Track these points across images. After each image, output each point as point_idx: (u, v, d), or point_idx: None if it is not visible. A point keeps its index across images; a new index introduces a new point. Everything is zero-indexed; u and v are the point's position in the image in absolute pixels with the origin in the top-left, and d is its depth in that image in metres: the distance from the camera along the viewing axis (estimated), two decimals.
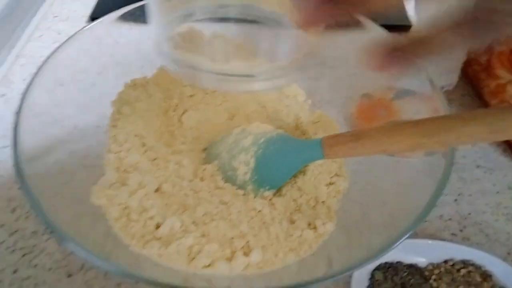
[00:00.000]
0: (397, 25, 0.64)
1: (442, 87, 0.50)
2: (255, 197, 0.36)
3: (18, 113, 0.33)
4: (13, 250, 0.38)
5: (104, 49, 0.44)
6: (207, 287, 0.26)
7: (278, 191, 0.37)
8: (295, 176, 0.37)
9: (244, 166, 0.35)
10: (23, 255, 0.38)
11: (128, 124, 0.37)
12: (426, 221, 0.41)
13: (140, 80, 0.41)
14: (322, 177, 0.36)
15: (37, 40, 0.60)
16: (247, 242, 0.31)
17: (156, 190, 0.34)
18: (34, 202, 0.27)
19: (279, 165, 0.35)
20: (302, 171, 0.37)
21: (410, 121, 0.28)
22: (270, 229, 0.33)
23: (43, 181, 0.31)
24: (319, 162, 0.37)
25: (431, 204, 0.28)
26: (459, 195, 0.43)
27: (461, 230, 0.41)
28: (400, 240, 0.26)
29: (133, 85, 0.40)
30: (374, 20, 0.42)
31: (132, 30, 0.46)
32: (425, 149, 0.28)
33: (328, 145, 0.32)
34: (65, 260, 0.38)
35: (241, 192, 0.36)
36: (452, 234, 0.40)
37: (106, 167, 0.35)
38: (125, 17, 0.44)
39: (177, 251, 0.29)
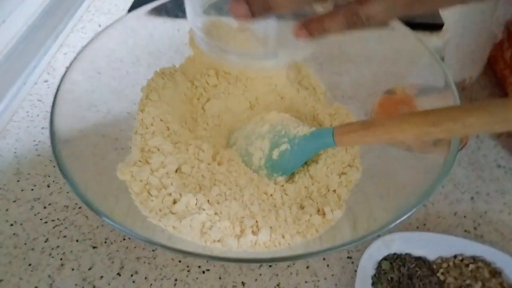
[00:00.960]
0: (428, 23, 0.64)
1: (465, 79, 0.50)
2: (268, 181, 0.37)
3: (55, 96, 0.36)
4: (46, 222, 0.42)
5: (139, 41, 0.47)
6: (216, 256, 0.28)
7: (290, 178, 0.39)
8: (307, 164, 0.39)
9: (259, 152, 0.37)
10: (54, 227, 0.41)
11: (154, 109, 0.39)
12: (439, 216, 0.41)
13: (169, 69, 0.43)
14: (335, 167, 0.38)
15: (80, 31, 0.64)
16: (256, 222, 0.33)
17: (176, 171, 0.36)
18: (68, 177, 0.30)
19: (292, 152, 0.36)
20: (315, 160, 0.38)
21: (419, 111, 0.29)
22: (279, 212, 0.34)
23: (77, 160, 0.34)
24: (332, 152, 0.38)
25: (426, 193, 0.29)
26: (476, 193, 0.43)
27: (475, 228, 0.40)
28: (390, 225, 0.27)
29: (162, 73, 0.43)
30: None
31: (166, 24, 0.49)
32: (432, 137, 0.28)
33: (340, 133, 0.33)
34: (91, 233, 0.41)
35: (255, 176, 0.37)
36: (466, 231, 0.40)
37: (132, 147, 0.37)
38: (159, 12, 0.47)
39: (190, 225, 0.31)
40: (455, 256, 0.37)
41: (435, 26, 0.64)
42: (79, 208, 0.43)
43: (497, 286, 0.35)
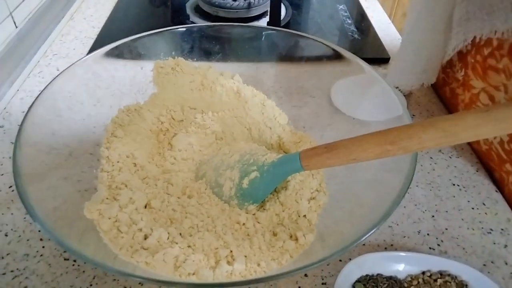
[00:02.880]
0: (376, 58, 0.69)
1: (422, 84, 0.55)
2: (240, 211, 0.37)
3: (15, 142, 0.35)
4: (4, 273, 0.39)
5: (100, 83, 0.47)
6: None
7: (261, 206, 0.39)
8: (277, 191, 0.39)
9: (229, 182, 0.37)
10: (14, 278, 0.39)
11: (121, 145, 0.39)
12: (405, 236, 0.43)
13: (134, 106, 0.44)
14: (303, 192, 0.39)
15: (37, 76, 0.63)
16: (231, 251, 0.33)
17: (146, 206, 0.36)
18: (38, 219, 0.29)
19: (262, 180, 0.37)
20: (284, 187, 0.39)
21: (377, 132, 0.31)
22: (253, 240, 0.34)
23: (39, 204, 0.33)
24: (300, 178, 0.39)
25: (385, 215, 0.30)
26: (436, 211, 0.45)
27: (438, 245, 0.42)
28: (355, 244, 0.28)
29: (127, 110, 0.43)
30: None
31: (127, 65, 0.49)
32: (391, 155, 0.30)
33: (306, 157, 0.34)
34: (55, 281, 0.38)
35: (226, 207, 0.38)
36: (431, 248, 0.42)
37: (99, 184, 0.37)
38: (119, 53, 0.47)
39: (163, 260, 0.31)
40: (423, 273, 0.38)
41: (382, 60, 0.69)
42: (41, 255, 0.40)
43: None
